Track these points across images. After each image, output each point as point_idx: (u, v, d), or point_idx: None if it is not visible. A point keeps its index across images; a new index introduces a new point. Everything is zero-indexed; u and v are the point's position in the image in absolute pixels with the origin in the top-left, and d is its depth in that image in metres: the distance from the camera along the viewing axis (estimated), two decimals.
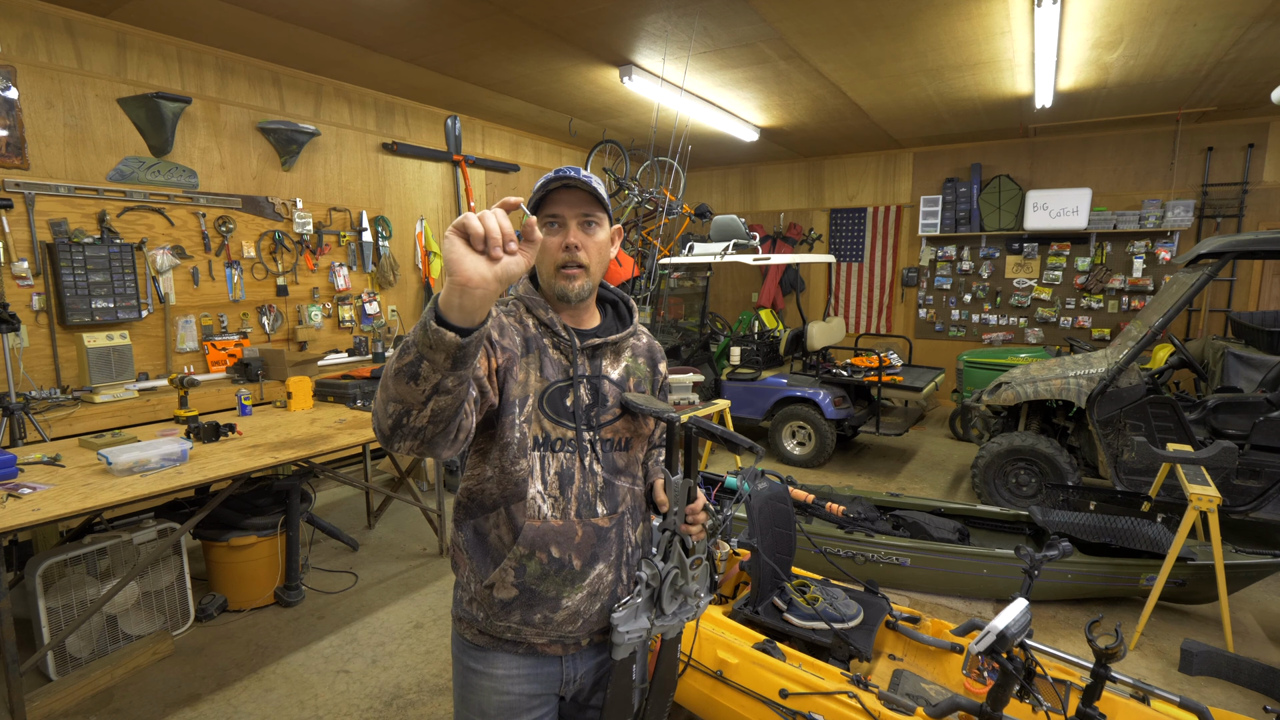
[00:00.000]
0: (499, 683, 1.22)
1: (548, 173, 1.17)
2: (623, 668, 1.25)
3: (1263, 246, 3.60)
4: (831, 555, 3.33)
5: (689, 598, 1.27)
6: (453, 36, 4.12)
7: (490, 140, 6.67)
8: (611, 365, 1.26)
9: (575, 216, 1.17)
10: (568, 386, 1.20)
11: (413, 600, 3.37)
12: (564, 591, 1.18)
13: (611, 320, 1.33)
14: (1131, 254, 6.59)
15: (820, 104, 5.65)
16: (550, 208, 1.17)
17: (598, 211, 1.18)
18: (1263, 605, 3.34)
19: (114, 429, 3.32)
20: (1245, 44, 4.15)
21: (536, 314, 1.22)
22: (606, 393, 1.23)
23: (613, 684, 1.25)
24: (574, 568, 1.18)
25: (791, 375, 5.70)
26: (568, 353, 1.21)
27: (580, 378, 1.21)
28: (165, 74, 4.18)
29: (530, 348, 1.20)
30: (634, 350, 1.32)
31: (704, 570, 1.30)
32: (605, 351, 1.26)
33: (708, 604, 1.32)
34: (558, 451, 1.18)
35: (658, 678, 1.35)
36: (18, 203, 3.59)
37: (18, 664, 2.24)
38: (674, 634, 1.32)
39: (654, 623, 1.23)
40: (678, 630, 1.31)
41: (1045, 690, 1.91)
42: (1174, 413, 3.85)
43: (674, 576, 1.23)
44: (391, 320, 5.79)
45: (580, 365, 1.21)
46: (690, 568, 1.26)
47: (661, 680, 1.36)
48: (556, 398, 1.19)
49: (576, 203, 1.17)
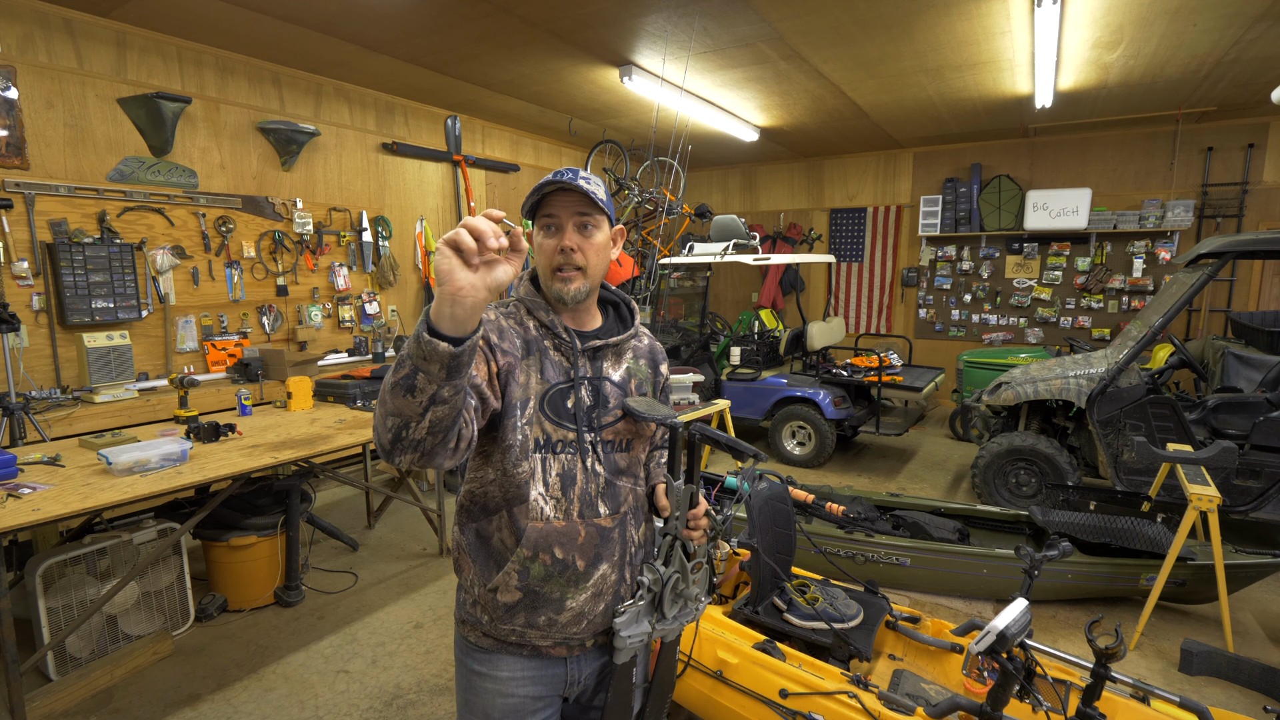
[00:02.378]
0: (503, 685, 1.22)
1: (546, 175, 1.17)
2: (624, 671, 1.26)
3: (1263, 246, 3.60)
4: (831, 555, 3.33)
5: (689, 601, 1.29)
6: (453, 36, 4.12)
7: (490, 140, 6.67)
8: (613, 367, 1.26)
9: (571, 219, 1.17)
10: (569, 388, 1.20)
11: (413, 600, 3.37)
12: (568, 593, 1.18)
13: (613, 322, 1.32)
14: (1131, 254, 6.59)
15: (820, 104, 5.65)
16: (547, 209, 1.17)
17: (595, 214, 1.18)
18: (1263, 605, 3.34)
19: (114, 429, 3.32)
20: (1245, 44, 4.15)
21: (537, 315, 1.22)
22: (608, 394, 1.23)
23: (614, 687, 1.26)
24: (578, 569, 1.18)
25: (791, 375, 5.70)
26: (568, 354, 1.21)
27: (581, 379, 1.20)
28: (165, 74, 4.18)
29: (531, 350, 1.19)
30: (635, 352, 1.32)
31: (704, 574, 1.32)
32: (606, 353, 1.25)
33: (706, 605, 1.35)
34: (559, 453, 1.18)
35: (657, 678, 1.36)
36: (18, 203, 3.59)
37: (18, 664, 2.23)
38: (674, 636, 1.34)
39: (655, 626, 1.24)
40: (677, 633, 1.32)
41: (1045, 690, 1.91)
42: (1174, 413, 3.85)
43: (675, 581, 1.24)
44: (391, 320, 5.79)
45: (581, 367, 1.21)
46: (691, 572, 1.27)
47: (661, 681, 1.37)
48: (558, 399, 1.19)
49: (573, 205, 1.16)
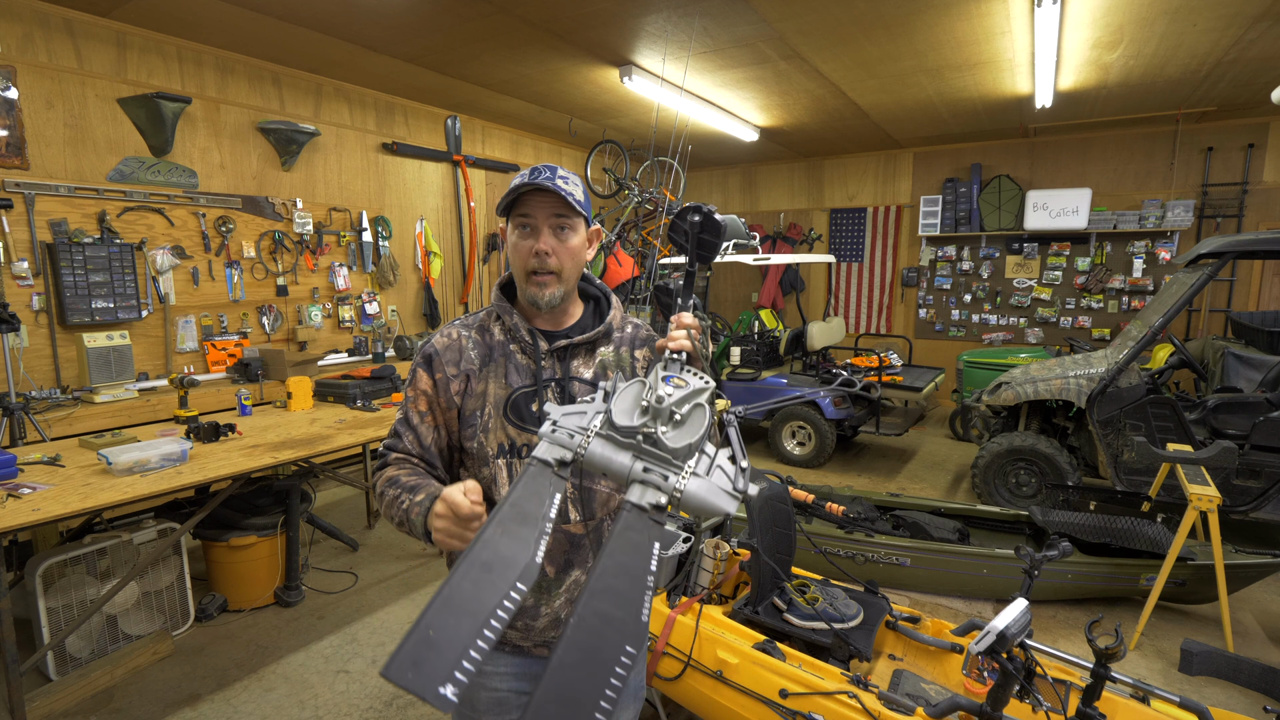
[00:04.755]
0: (488, 679, 1.23)
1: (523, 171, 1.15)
2: (539, 482, 0.81)
3: (1263, 246, 3.60)
4: (831, 555, 3.33)
5: (660, 435, 0.83)
6: (453, 36, 4.12)
7: (490, 140, 6.67)
8: (584, 365, 1.23)
9: (547, 220, 1.14)
10: (534, 392, 1.18)
11: (413, 600, 3.37)
12: (541, 599, 1.18)
13: (590, 317, 1.29)
14: (1131, 254, 6.59)
15: (820, 104, 5.65)
16: (522, 209, 1.15)
17: (572, 216, 1.16)
18: (1263, 605, 3.34)
19: (114, 429, 3.32)
20: (1245, 44, 4.15)
21: (503, 320, 1.22)
22: (576, 394, 1.19)
23: (515, 491, 0.81)
24: (547, 575, 1.18)
25: (791, 375, 5.70)
26: (534, 357, 1.19)
27: (546, 382, 1.19)
28: (165, 74, 4.18)
29: (493, 357, 1.20)
30: (617, 343, 1.27)
31: (695, 414, 0.86)
32: (578, 352, 1.22)
33: (717, 491, 0.82)
34: (524, 458, 1.16)
35: (610, 556, 0.75)
36: (18, 203, 3.59)
37: (18, 664, 2.23)
38: (633, 493, 0.81)
39: (594, 432, 0.85)
40: (639, 494, 0.81)
41: (1045, 690, 1.91)
42: (1174, 413, 3.85)
43: (639, 388, 0.89)
44: (391, 320, 5.79)
45: (549, 369, 1.19)
46: (665, 383, 0.86)
47: (618, 562, 0.75)
48: (521, 404, 1.17)
49: (549, 207, 1.14)
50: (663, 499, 0.80)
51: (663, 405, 0.84)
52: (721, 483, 0.83)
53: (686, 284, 1.10)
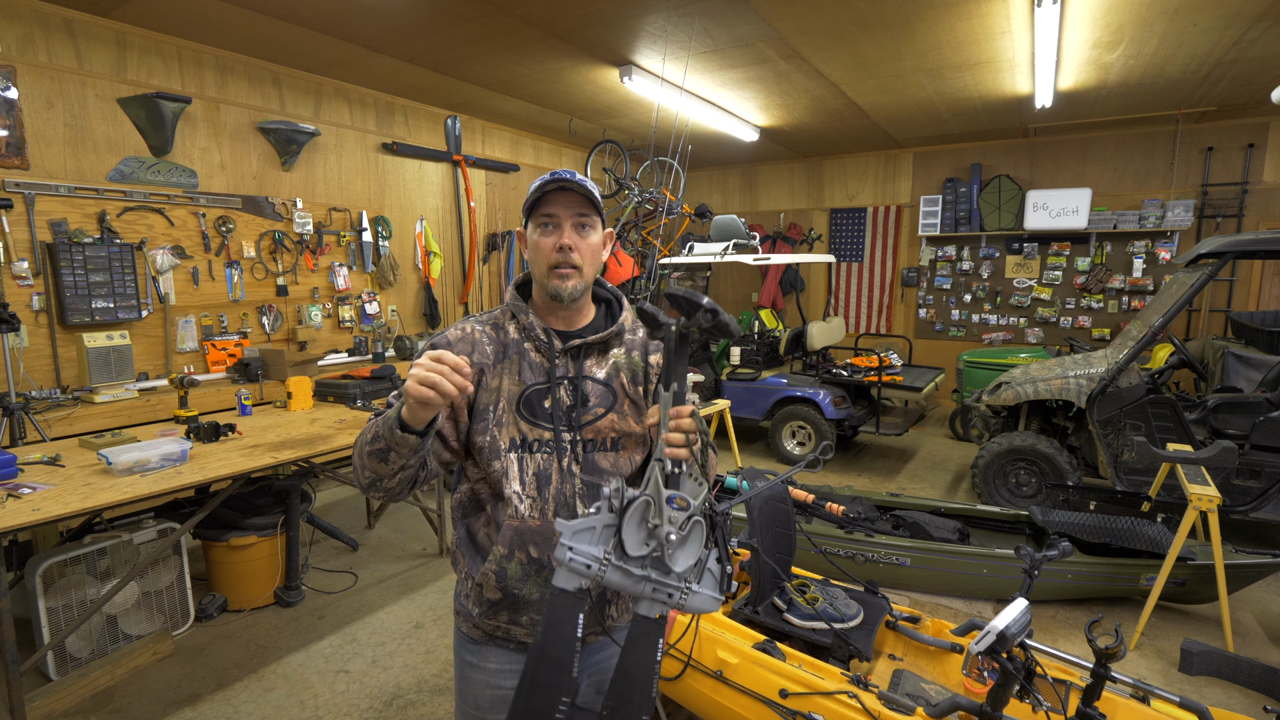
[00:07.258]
0: (492, 676, 1.24)
1: (543, 174, 1.19)
2: (564, 610, 0.93)
3: (1263, 246, 3.60)
4: (831, 555, 3.33)
5: (665, 551, 0.92)
6: (453, 36, 4.12)
7: (490, 140, 6.67)
8: (597, 365, 1.26)
9: (570, 218, 1.19)
10: (547, 389, 1.21)
11: (413, 600, 3.37)
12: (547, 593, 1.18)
13: (602, 319, 1.33)
14: (1131, 254, 6.59)
15: (820, 104, 5.65)
16: (545, 208, 1.19)
17: (593, 215, 1.21)
18: (1263, 605, 3.34)
19: (114, 429, 3.32)
20: (1245, 44, 4.15)
21: (519, 319, 1.25)
22: (589, 393, 1.23)
23: (546, 631, 0.94)
24: (553, 569, 1.18)
25: (791, 375, 5.70)
26: (549, 355, 1.22)
27: (560, 380, 1.22)
28: (165, 74, 4.18)
29: (507, 354, 1.23)
30: (629, 345, 1.30)
31: (695, 532, 0.94)
32: (591, 351, 1.25)
33: (710, 600, 0.94)
34: (535, 453, 1.19)
35: (622, 670, 0.95)
36: (18, 203, 3.59)
37: (18, 664, 2.23)
38: (642, 607, 0.95)
39: (609, 561, 0.93)
40: (648, 608, 0.95)
41: (1045, 690, 1.91)
42: (1174, 413, 3.85)
43: (644, 508, 0.94)
44: (391, 320, 5.79)
45: (562, 367, 1.22)
46: (669, 504, 0.92)
47: (627, 673, 0.95)
48: (534, 400, 1.20)
49: (571, 204, 1.19)
50: (667, 611, 0.95)
51: (671, 538, 0.93)
52: (710, 589, 0.95)
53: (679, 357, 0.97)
